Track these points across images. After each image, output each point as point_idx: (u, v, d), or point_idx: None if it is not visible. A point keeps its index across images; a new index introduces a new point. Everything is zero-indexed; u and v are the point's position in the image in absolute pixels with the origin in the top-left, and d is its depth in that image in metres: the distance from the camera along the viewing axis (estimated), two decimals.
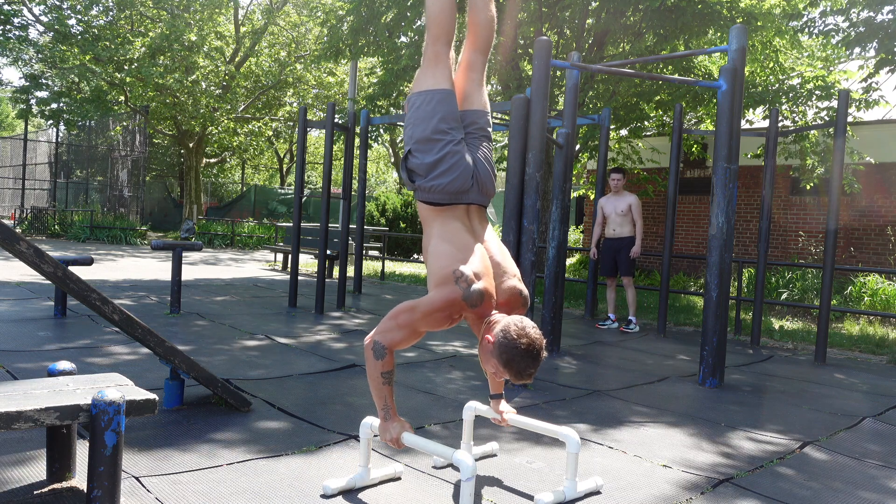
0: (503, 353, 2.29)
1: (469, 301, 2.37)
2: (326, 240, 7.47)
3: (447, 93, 2.62)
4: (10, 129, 42.98)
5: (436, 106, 2.58)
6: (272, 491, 2.52)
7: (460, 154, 2.55)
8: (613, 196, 7.50)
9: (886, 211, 11.52)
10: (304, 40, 21.79)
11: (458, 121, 2.64)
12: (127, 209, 19.98)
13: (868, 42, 8.21)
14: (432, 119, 2.57)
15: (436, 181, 2.52)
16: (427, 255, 2.54)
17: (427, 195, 2.56)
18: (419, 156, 2.55)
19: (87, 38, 18.33)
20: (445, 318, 2.41)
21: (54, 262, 2.51)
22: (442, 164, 2.52)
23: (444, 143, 2.54)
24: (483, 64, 2.80)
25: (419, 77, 2.68)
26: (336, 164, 25.59)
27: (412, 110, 2.63)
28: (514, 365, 2.29)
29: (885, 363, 6.26)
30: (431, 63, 2.65)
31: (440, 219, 2.56)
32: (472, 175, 2.56)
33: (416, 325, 2.40)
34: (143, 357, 4.53)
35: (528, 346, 2.27)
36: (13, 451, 2.75)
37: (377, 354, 2.40)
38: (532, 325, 2.34)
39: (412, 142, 2.59)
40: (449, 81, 2.65)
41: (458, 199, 2.56)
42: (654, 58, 5.42)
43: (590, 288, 7.79)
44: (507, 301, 2.51)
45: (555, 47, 10.82)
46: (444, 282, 2.40)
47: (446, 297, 2.37)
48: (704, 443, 3.43)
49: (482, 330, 2.43)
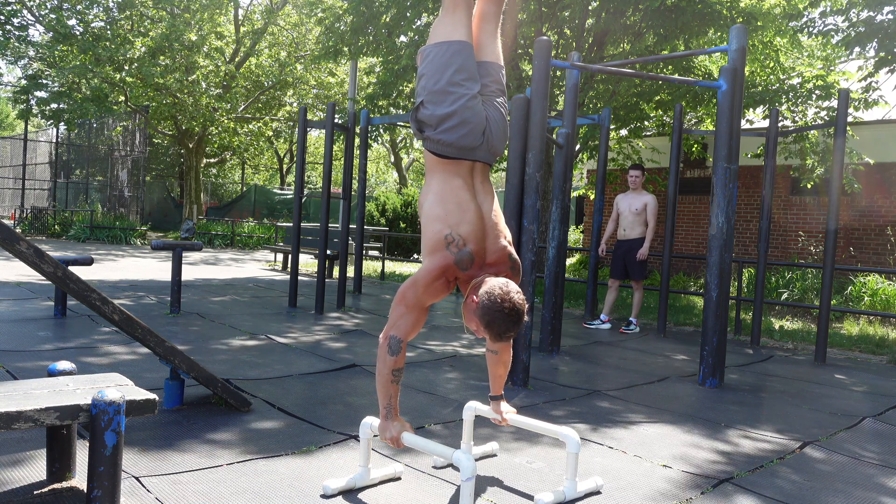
0: (485, 314, 2.31)
1: (461, 265, 2.43)
2: (326, 240, 7.47)
3: (464, 44, 2.55)
4: (10, 129, 42.97)
5: (451, 57, 2.52)
6: (272, 491, 2.52)
7: (474, 109, 2.50)
8: (631, 193, 7.31)
9: (886, 211, 11.52)
10: (305, 41, 21.79)
11: (475, 73, 2.56)
12: (127, 209, 19.98)
13: (868, 42, 8.20)
14: (447, 70, 2.50)
15: (445, 135, 2.49)
16: (422, 212, 2.55)
17: (435, 146, 2.53)
18: (430, 107, 2.50)
19: (87, 38, 18.33)
20: (443, 284, 2.45)
21: (54, 262, 2.51)
22: (454, 117, 2.48)
23: (458, 95, 2.49)
24: (497, 15, 2.73)
25: (436, 27, 2.61)
26: (336, 164, 25.59)
27: (426, 61, 2.56)
28: (495, 326, 2.32)
29: (885, 363, 6.26)
30: (449, 10, 2.58)
31: (443, 173, 2.54)
32: (482, 132, 2.52)
33: (421, 298, 2.43)
34: (143, 357, 4.53)
35: (510, 309, 2.30)
36: (13, 451, 2.75)
37: (392, 350, 2.42)
38: (517, 289, 2.36)
39: (425, 92, 2.53)
40: (467, 32, 2.58)
41: (465, 155, 2.53)
42: (654, 58, 5.42)
43: (590, 288, 7.79)
44: (496, 261, 2.52)
45: (555, 47, 10.82)
46: (436, 247, 2.44)
47: (440, 264, 2.42)
48: (704, 442, 3.43)
49: (468, 290, 2.46)
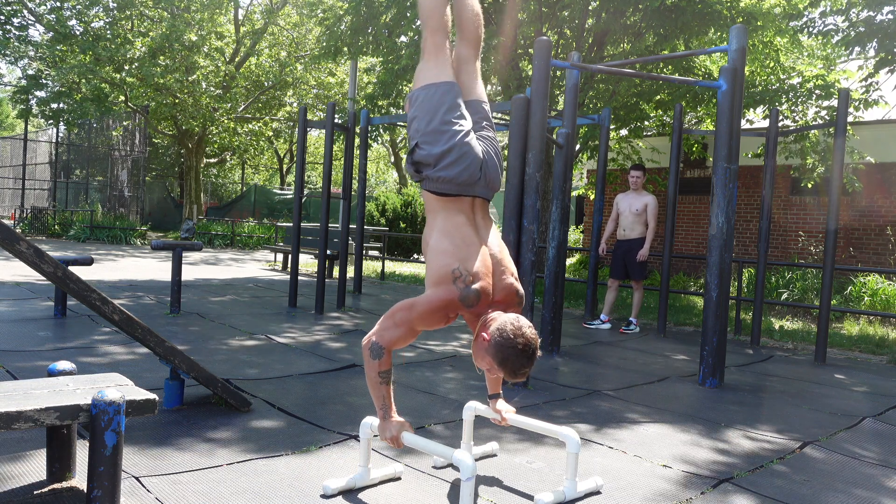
0: (499, 351, 2.30)
1: (465, 301, 2.39)
2: (326, 240, 7.47)
3: (451, 84, 2.60)
4: (10, 129, 42.96)
5: (441, 97, 2.56)
6: (272, 491, 2.52)
7: (469, 144, 2.53)
8: (631, 193, 7.29)
9: (886, 211, 11.52)
10: (305, 41, 21.79)
11: (464, 111, 2.61)
12: (127, 209, 19.98)
13: (868, 42, 8.20)
14: (439, 110, 2.54)
15: (444, 172, 2.50)
16: (427, 248, 2.53)
17: (434, 185, 2.54)
18: (427, 147, 2.52)
19: (87, 38, 18.33)
20: (442, 317, 2.42)
21: (54, 262, 2.51)
22: (451, 153, 2.50)
23: (452, 133, 2.51)
24: (475, 56, 2.79)
25: (420, 72, 2.66)
26: (336, 164, 25.59)
27: (416, 105, 2.60)
28: (510, 363, 2.30)
29: (885, 363, 6.26)
30: (432, 55, 2.64)
31: (445, 210, 2.54)
32: (480, 167, 2.54)
33: (413, 323, 2.41)
34: (143, 357, 4.53)
35: (523, 346, 2.28)
36: (13, 450, 2.75)
37: (374, 354, 2.41)
38: (528, 324, 2.34)
39: (418, 134, 2.55)
40: (451, 72, 2.64)
41: (465, 191, 2.54)
42: (654, 58, 5.42)
43: (590, 288, 7.79)
44: (504, 298, 2.50)
45: (555, 47, 10.82)
46: (442, 280, 2.40)
47: (443, 297, 2.39)
48: (704, 442, 3.43)
49: (478, 327, 2.43)
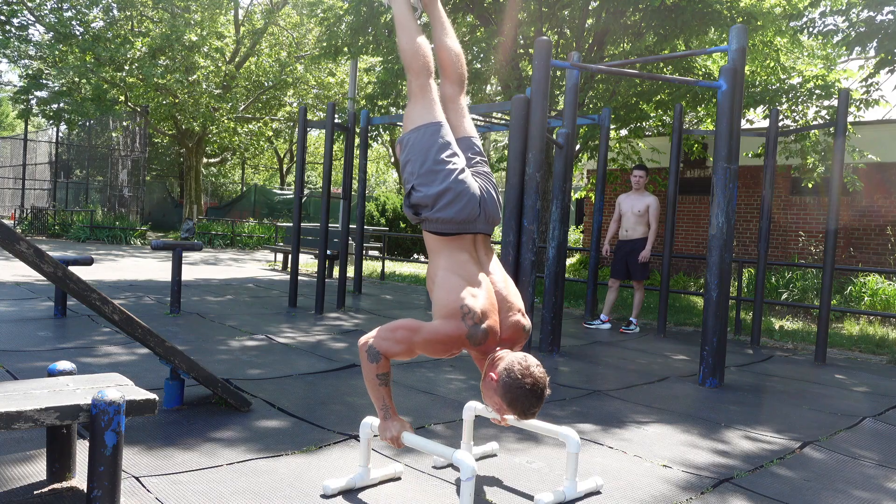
0: (507, 391, 2.29)
1: (473, 340, 2.37)
2: (326, 240, 7.47)
3: (440, 124, 2.59)
4: (10, 129, 42.97)
5: (431, 137, 2.55)
6: (272, 491, 2.52)
7: (465, 182, 2.52)
8: (633, 194, 7.29)
9: (886, 211, 11.52)
10: (305, 41, 21.79)
11: (457, 148, 2.61)
12: (127, 209, 19.98)
13: (868, 42, 8.20)
14: (431, 150, 2.53)
15: (443, 212, 2.49)
16: (433, 285, 2.51)
17: (434, 226, 2.52)
18: (423, 189, 2.51)
19: (87, 38, 18.33)
20: (445, 350, 2.41)
21: (54, 262, 2.51)
22: (448, 192, 2.48)
23: (447, 172, 2.50)
24: (460, 94, 2.80)
25: (409, 115, 2.65)
26: (336, 164, 25.59)
27: (407, 148, 2.59)
28: (519, 404, 2.29)
29: (885, 363, 6.26)
30: (419, 97, 2.63)
31: (447, 249, 2.53)
32: (479, 203, 2.53)
33: (414, 346, 2.40)
34: (143, 357, 4.53)
35: (532, 386, 2.27)
36: (13, 451, 2.75)
37: (372, 358, 2.41)
38: (536, 363, 2.33)
39: (413, 177, 2.54)
40: (439, 112, 2.63)
41: (466, 229, 2.53)
42: (654, 58, 5.42)
43: (590, 288, 7.79)
44: (511, 336, 2.48)
45: (555, 47, 10.82)
46: (451, 315, 2.38)
47: (451, 332, 2.37)
48: (704, 443, 3.43)
49: (486, 367, 2.42)
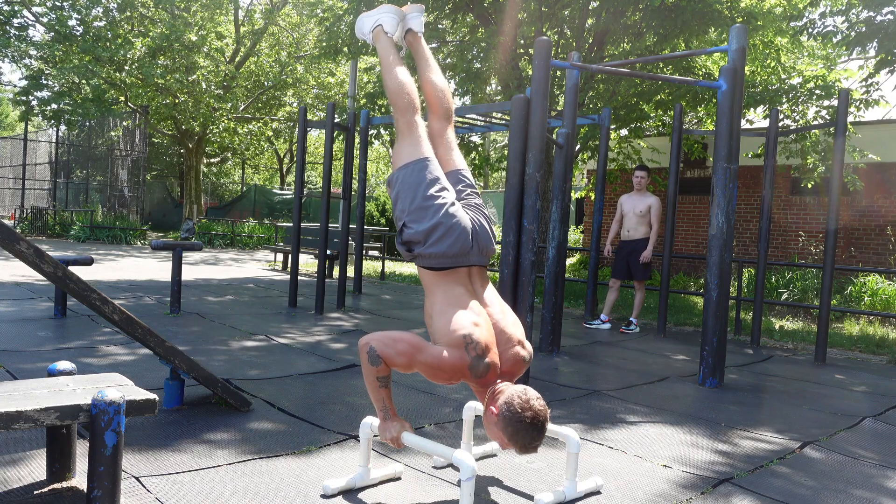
0: (508, 425, 2.29)
1: (474, 371, 2.37)
2: (326, 240, 7.47)
3: (427, 160, 2.60)
4: (11, 129, 42.96)
5: (419, 174, 2.56)
6: (272, 491, 2.52)
7: (456, 216, 2.52)
8: (635, 195, 7.30)
9: (886, 211, 11.52)
10: (305, 41, 21.79)
11: (446, 182, 2.61)
12: (127, 209, 19.97)
13: (868, 42, 8.20)
14: (420, 187, 2.54)
15: (435, 247, 2.48)
16: (431, 317, 2.51)
17: (428, 261, 2.52)
18: (414, 226, 2.51)
19: (87, 38, 18.33)
20: (445, 378, 2.42)
21: (54, 262, 2.51)
22: (440, 227, 2.49)
23: (437, 207, 2.51)
24: (447, 128, 2.81)
25: (397, 152, 2.65)
26: (336, 163, 25.59)
27: (396, 186, 2.60)
28: (519, 438, 2.29)
29: (885, 363, 6.26)
30: (406, 135, 2.64)
31: (442, 284, 2.52)
32: (471, 236, 2.53)
33: (414, 364, 2.40)
34: (143, 357, 4.53)
35: (532, 419, 2.27)
36: (13, 451, 2.75)
37: (373, 361, 2.41)
38: (536, 395, 2.33)
39: (404, 215, 2.55)
40: (427, 148, 2.64)
41: (460, 262, 2.53)
42: (654, 58, 5.42)
43: (590, 288, 7.79)
44: (511, 369, 2.48)
45: (555, 47, 10.82)
46: (454, 343, 2.38)
47: (454, 362, 2.36)
48: (704, 442, 3.43)
49: (486, 400, 2.42)
